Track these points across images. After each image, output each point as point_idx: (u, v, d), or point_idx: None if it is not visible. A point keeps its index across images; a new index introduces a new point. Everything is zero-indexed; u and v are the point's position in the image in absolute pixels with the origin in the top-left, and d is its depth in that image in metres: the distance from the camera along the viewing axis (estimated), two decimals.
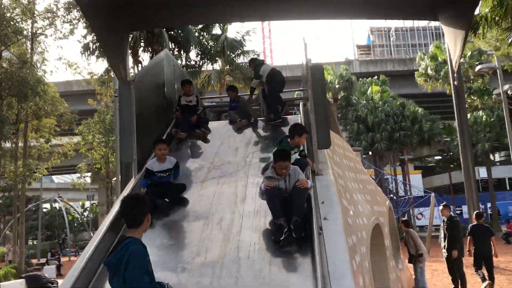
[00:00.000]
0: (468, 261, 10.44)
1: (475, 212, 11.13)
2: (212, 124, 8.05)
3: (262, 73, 8.09)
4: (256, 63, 8.54)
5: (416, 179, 47.51)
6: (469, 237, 9.96)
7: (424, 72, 31.83)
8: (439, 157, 38.25)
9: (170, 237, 5.05)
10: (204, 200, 5.68)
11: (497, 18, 11.56)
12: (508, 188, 47.64)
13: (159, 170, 5.64)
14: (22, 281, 11.26)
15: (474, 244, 9.82)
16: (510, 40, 12.59)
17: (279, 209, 4.60)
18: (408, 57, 60.21)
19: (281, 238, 4.45)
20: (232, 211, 5.29)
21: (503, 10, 11.31)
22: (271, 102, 7.90)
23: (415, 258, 9.60)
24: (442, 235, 9.79)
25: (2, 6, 18.31)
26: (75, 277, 4.10)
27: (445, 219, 9.72)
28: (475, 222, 10.21)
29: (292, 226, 4.49)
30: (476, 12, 12.95)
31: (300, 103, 8.53)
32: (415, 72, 33.54)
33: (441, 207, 10.30)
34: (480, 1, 11.55)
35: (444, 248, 9.61)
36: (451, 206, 32.65)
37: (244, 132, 7.54)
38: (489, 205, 36.42)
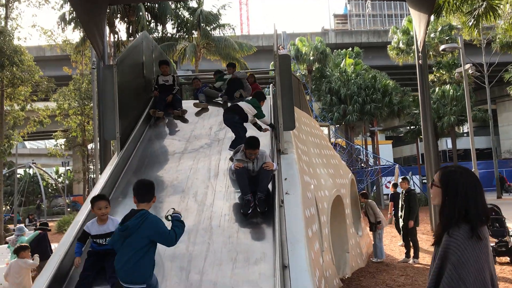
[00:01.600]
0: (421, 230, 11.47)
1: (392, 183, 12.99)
2: (188, 103, 8.65)
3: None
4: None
5: (387, 149, 49.13)
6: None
7: (396, 46, 32.62)
8: (408, 128, 39.57)
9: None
10: (181, 175, 6.36)
11: (458, 3, 12.30)
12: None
13: (97, 233, 4.54)
14: (6, 246, 11.84)
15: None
16: (470, 23, 13.37)
17: (247, 186, 5.32)
18: (383, 28, 60.85)
19: (248, 212, 5.20)
20: (206, 185, 6.00)
21: None
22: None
23: (375, 226, 10.56)
24: (400, 206, 10.69)
25: None
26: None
27: (404, 191, 10.60)
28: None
29: (256, 201, 5.23)
30: None
31: (271, 85, 9.15)
32: (388, 45, 34.30)
33: (400, 180, 11.22)
34: None
35: (401, 218, 10.53)
36: (417, 176, 34.27)
37: (218, 111, 8.16)
38: None
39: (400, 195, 10.79)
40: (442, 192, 2.48)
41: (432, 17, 16.53)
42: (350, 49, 36.74)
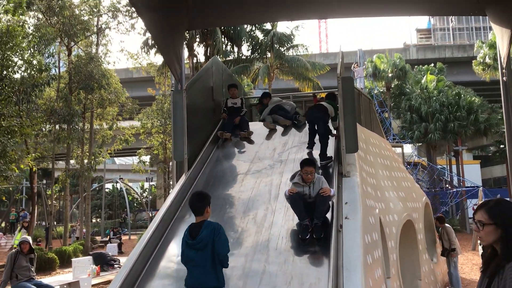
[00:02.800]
0: None
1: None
2: (256, 125, 8.85)
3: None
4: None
5: (474, 169, 46.20)
6: None
7: (482, 60, 30.87)
8: (497, 148, 37.01)
9: None
10: (243, 195, 6.51)
11: None
12: None
13: None
14: (90, 258, 12.73)
15: None
16: None
17: (303, 211, 5.27)
18: (469, 42, 57.89)
19: (306, 237, 5.16)
20: (266, 207, 6.09)
21: None
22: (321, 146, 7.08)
23: (448, 252, 10.01)
24: None
25: (71, 5, 19.95)
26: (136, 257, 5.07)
27: None
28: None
29: (313, 228, 5.18)
30: None
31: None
32: (473, 60, 32.56)
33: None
34: None
35: (481, 245, 9.93)
36: (508, 199, 31.81)
37: (283, 134, 8.26)
38: None
39: None
40: (497, 228, 2.37)
41: None
42: (432, 64, 35.36)
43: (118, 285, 4.76)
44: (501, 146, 34.55)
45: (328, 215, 5.47)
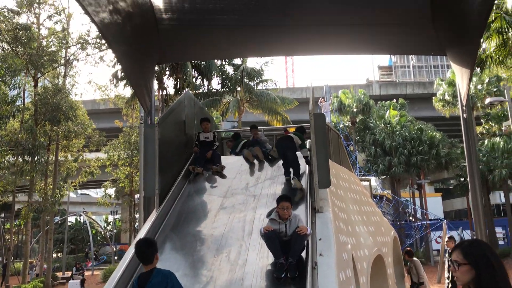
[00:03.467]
0: None
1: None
2: (228, 159, 8.85)
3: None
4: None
5: (436, 202, 47.29)
6: None
7: (442, 97, 32.18)
8: (458, 181, 38.18)
9: (185, 265, 5.81)
10: (216, 231, 6.44)
11: (501, 58, 12.14)
12: None
13: None
14: None
15: None
16: None
17: (278, 250, 5.19)
18: (428, 80, 60.34)
19: (282, 276, 5.11)
20: (239, 244, 6.03)
21: (506, 50, 11.88)
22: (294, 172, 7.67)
23: (417, 286, 10.11)
24: (446, 266, 10.28)
25: (39, 36, 19.72)
26: None
27: (450, 251, 10.24)
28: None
29: (288, 266, 5.15)
30: (484, 48, 13.56)
31: (307, 140, 9.19)
32: (434, 97, 33.90)
33: (446, 239, 10.87)
34: (484, 42, 12.16)
35: (448, 279, 10.09)
36: (469, 231, 32.64)
37: (256, 169, 8.29)
38: (509, 229, 36.13)
39: (446, 255, 10.40)
40: (472, 269, 2.42)
41: (477, 70, 16.33)
42: (394, 100, 36.57)
43: None
44: (461, 179, 35.66)
45: (303, 254, 5.45)
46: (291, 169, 7.63)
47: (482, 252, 2.43)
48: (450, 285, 10.11)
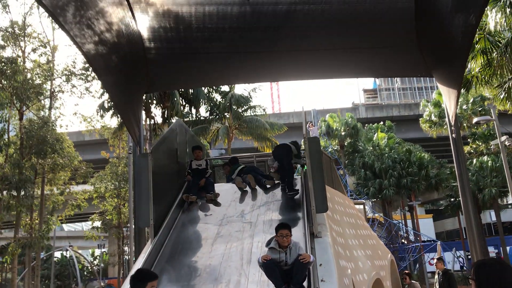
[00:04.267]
0: None
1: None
2: (221, 186, 8.71)
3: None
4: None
5: (427, 223, 47.29)
6: None
7: (428, 118, 32.53)
8: (448, 201, 38.31)
9: None
10: (214, 261, 6.26)
11: (486, 78, 12.34)
12: None
13: None
14: None
15: None
16: (502, 96, 13.30)
17: (279, 279, 5.01)
18: (414, 101, 61.20)
19: None
20: (239, 273, 5.86)
21: (491, 70, 12.09)
22: (288, 178, 8.14)
23: None
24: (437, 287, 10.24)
25: (25, 69, 19.61)
26: None
27: (440, 272, 10.22)
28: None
29: None
30: (469, 69, 13.78)
31: (299, 165, 9.12)
32: (420, 118, 34.27)
33: (435, 261, 10.82)
34: (469, 63, 12.37)
35: None
36: (462, 251, 32.55)
37: (250, 195, 8.16)
38: (502, 249, 36.12)
39: (436, 276, 10.35)
40: (476, 286, 2.59)
41: (462, 90, 16.58)
42: (381, 123, 36.87)
43: None
44: (452, 199, 35.78)
45: (305, 283, 5.27)
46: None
47: (485, 271, 2.59)
48: None
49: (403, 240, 32.42)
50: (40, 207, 20.86)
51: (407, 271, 11.78)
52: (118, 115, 20.42)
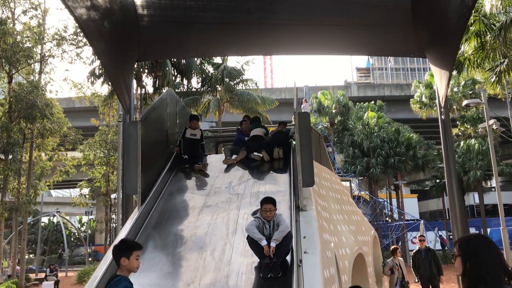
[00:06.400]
0: None
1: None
2: (211, 158, 8.77)
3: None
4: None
5: (412, 203, 48.11)
6: None
7: (419, 99, 32.69)
8: (434, 182, 38.88)
9: (169, 264, 5.71)
10: (200, 230, 6.36)
11: (479, 61, 12.39)
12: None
13: None
14: None
15: None
16: (493, 80, 13.40)
17: (262, 251, 5.10)
18: (405, 82, 61.27)
19: (268, 276, 5.07)
20: (224, 242, 5.96)
21: (484, 53, 12.13)
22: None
23: (404, 282, 10.28)
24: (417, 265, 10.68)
25: (14, 32, 19.23)
26: None
27: (423, 250, 10.69)
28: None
29: (272, 266, 5.09)
30: (462, 51, 13.82)
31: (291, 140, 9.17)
32: (411, 99, 34.41)
33: (416, 240, 11.19)
34: (462, 44, 12.38)
35: (417, 276, 10.55)
36: (444, 231, 33.25)
37: (238, 167, 8.23)
38: (482, 230, 36.93)
39: (419, 254, 10.76)
40: (462, 261, 2.56)
41: (454, 72, 16.67)
42: (372, 102, 36.96)
43: None
44: (437, 180, 36.30)
45: (288, 257, 5.38)
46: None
47: (472, 245, 2.57)
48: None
49: (387, 218, 33.00)
50: (28, 171, 20.80)
51: (396, 246, 12.08)
52: (109, 83, 20.25)
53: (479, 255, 2.51)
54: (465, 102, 17.35)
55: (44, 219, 53.20)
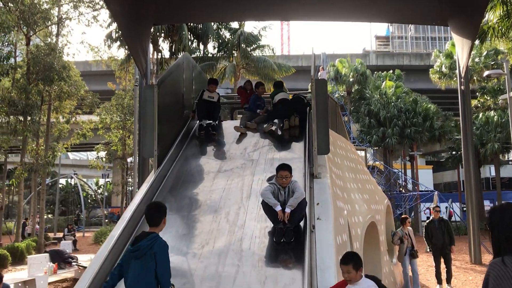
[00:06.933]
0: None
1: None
2: (226, 123, 8.78)
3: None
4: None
5: (427, 174, 47.85)
6: None
7: (438, 69, 32.00)
8: (450, 154, 38.49)
9: (184, 227, 5.82)
10: (214, 194, 6.45)
11: (503, 30, 11.99)
12: None
13: None
14: (47, 255, 12.25)
15: None
16: None
17: (277, 217, 5.19)
18: (425, 51, 59.93)
19: (281, 240, 5.15)
20: (238, 206, 6.05)
21: (509, 21, 11.72)
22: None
23: (414, 250, 10.36)
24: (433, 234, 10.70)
25: None
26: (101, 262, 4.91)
27: (436, 220, 10.70)
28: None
29: (285, 231, 5.16)
30: (485, 21, 13.41)
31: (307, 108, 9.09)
32: (430, 69, 33.70)
33: (431, 210, 11.22)
34: (487, 13, 11.98)
35: (429, 245, 10.66)
36: (458, 203, 33.14)
37: (253, 134, 8.24)
38: (497, 203, 36.74)
39: (432, 225, 10.78)
40: (490, 230, 2.71)
41: (476, 42, 16.20)
42: (391, 71, 36.32)
43: (86, 284, 4.60)
44: (453, 152, 35.93)
45: (301, 223, 5.44)
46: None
47: (497, 216, 2.68)
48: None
49: (401, 189, 32.94)
50: (46, 133, 21.12)
51: (406, 215, 12.09)
52: (126, 47, 20.18)
53: (503, 223, 2.60)
54: (486, 73, 16.91)
55: (62, 181, 54.33)
